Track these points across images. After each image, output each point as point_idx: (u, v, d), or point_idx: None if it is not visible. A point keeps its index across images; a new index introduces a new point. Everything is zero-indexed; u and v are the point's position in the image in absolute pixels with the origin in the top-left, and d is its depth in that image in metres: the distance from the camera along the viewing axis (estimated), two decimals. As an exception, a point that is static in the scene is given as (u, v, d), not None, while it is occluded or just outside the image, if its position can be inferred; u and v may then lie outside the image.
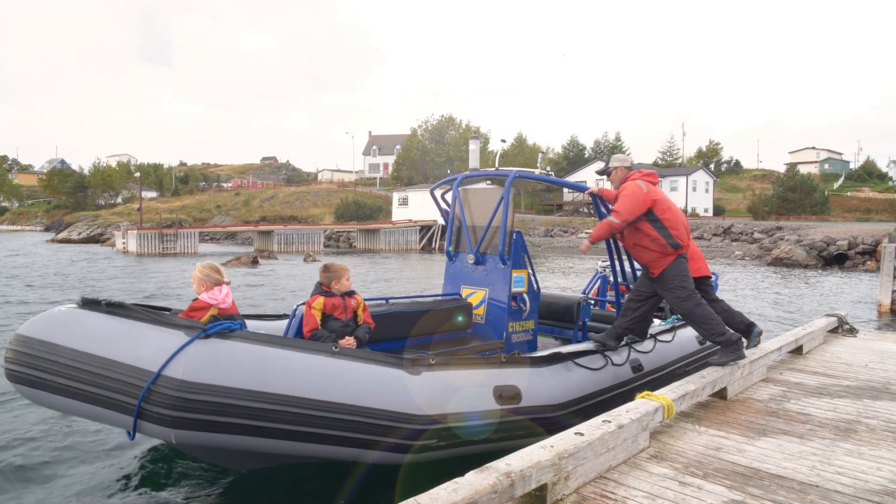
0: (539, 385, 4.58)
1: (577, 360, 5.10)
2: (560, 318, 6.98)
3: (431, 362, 4.11)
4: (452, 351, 5.64)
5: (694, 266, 5.44)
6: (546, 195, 70.72)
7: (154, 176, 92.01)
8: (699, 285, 5.43)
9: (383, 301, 6.04)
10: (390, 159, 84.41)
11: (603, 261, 8.02)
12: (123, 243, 40.74)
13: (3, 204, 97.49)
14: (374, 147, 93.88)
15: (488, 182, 6.86)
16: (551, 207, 66.64)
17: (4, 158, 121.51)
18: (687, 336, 7.03)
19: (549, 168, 6.70)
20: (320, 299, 4.70)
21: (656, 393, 4.07)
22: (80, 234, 58.09)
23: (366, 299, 5.36)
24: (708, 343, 6.76)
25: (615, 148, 77.33)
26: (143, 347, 3.46)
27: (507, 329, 6.12)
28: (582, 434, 3.21)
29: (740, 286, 20.62)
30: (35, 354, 3.57)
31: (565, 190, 67.15)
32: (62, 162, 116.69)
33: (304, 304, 4.84)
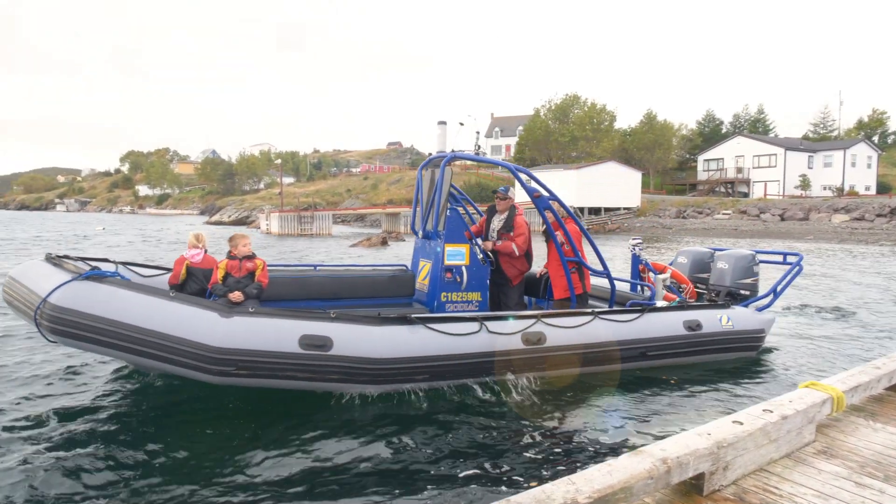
0: (359, 340, 5.16)
1: (430, 325, 5.50)
2: (529, 290, 7.68)
3: (251, 310, 5.12)
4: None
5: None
6: (678, 174, 66.73)
7: (291, 163, 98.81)
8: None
9: (311, 268, 7.34)
10: (512, 141, 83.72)
11: (634, 239, 8.24)
12: (267, 225, 44.15)
13: (167, 191, 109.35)
14: (497, 129, 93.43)
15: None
16: (683, 187, 62.75)
17: (167, 150, 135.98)
18: (666, 320, 6.68)
19: (479, 147, 7.84)
20: (224, 261, 5.96)
21: (824, 383, 3.70)
22: (229, 216, 63.79)
23: (289, 266, 7.15)
24: (702, 330, 6.81)
25: (757, 122, 71.20)
26: (49, 282, 4.94)
27: (438, 298, 6.53)
28: (741, 423, 3.00)
29: (911, 272, 18.20)
30: (9, 285, 5.40)
31: (700, 168, 63.12)
32: (213, 152, 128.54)
33: None
